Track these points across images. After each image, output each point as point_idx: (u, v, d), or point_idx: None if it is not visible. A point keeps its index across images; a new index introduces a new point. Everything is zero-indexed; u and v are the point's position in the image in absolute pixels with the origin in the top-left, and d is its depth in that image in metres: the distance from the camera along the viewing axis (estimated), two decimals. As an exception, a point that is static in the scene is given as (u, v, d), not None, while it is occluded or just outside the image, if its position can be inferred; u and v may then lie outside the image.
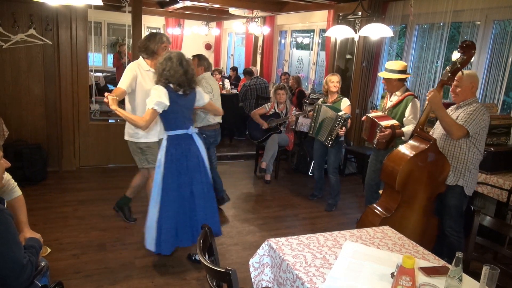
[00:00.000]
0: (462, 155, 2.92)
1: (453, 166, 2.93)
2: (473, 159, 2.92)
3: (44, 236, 3.38)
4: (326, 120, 4.33)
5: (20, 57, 4.74)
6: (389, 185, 2.97)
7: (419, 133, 2.93)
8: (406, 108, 3.59)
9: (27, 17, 4.66)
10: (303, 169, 5.88)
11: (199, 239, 1.80)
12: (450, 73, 2.74)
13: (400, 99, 3.64)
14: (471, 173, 2.94)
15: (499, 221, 2.43)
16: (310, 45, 8.16)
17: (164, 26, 11.50)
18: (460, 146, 2.92)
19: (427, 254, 2.07)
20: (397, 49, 5.92)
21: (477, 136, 2.87)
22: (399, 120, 3.59)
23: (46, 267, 2.07)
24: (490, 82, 4.36)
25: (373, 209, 3.01)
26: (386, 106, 3.76)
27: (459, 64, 2.70)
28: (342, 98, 4.42)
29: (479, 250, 2.45)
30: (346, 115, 4.18)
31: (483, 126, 2.84)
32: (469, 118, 2.80)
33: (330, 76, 4.45)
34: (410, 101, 3.58)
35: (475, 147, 2.90)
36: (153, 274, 3.07)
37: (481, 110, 2.82)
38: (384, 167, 2.99)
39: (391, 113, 3.67)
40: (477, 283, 1.72)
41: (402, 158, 2.85)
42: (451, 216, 3.03)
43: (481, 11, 4.37)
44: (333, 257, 1.94)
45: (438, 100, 2.79)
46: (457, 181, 2.95)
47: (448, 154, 2.95)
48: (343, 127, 4.17)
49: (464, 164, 2.92)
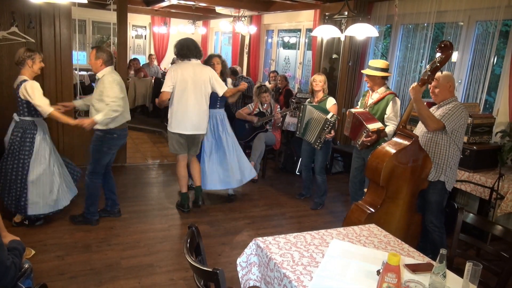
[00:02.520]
0: (443, 152, 3.02)
1: (434, 162, 3.03)
2: (453, 156, 3.04)
3: (28, 237, 3.33)
4: (312, 121, 4.33)
5: (2, 55, 4.64)
6: (373, 181, 3.03)
7: (402, 130, 3.02)
8: (387, 105, 3.67)
9: (9, 14, 4.56)
10: (290, 168, 5.90)
11: (186, 238, 1.80)
12: (430, 71, 2.84)
13: (381, 96, 3.72)
14: (451, 169, 3.06)
15: (481, 218, 2.48)
16: (297, 44, 8.19)
17: (150, 24, 11.39)
18: (441, 143, 3.03)
19: (412, 251, 2.10)
20: (382, 49, 5.99)
21: (456, 133, 2.99)
22: (379, 117, 3.66)
23: (30, 269, 2.04)
24: (472, 82, 4.45)
25: (358, 206, 3.06)
26: (367, 103, 3.82)
27: (438, 63, 2.80)
28: (328, 98, 4.44)
29: (463, 246, 2.50)
30: (334, 117, 4.15)
31: (461, 124, 2.97)
32: (447, 114, 2.93)
33: (314, 76, 4.49)
34: (391, 99, 3.68)
35: (454, 144, 3.02)
36: (139, 275, 3.04)
37: (459, 108, 2.95)
38: (368, 164, 3.05)
39: (372, 110, 3.74)
40: (461, 279, 1.76)
41: (385, 154, 2.93)
42: (432, 211, 3.13)
43: (464, 12, 4.45)
44: (320, 255, 1.95)
45: (417, 92, 2.89)
46: (438, 177, 3.05)
47: (430, 150, 3.05)
48: (331, 130, 4.18)
49: (445, 160, 3.02)
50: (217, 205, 4.49)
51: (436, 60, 2.80)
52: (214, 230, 3.88)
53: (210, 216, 4.21)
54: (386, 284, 1.52)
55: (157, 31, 11.21)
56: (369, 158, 3.08)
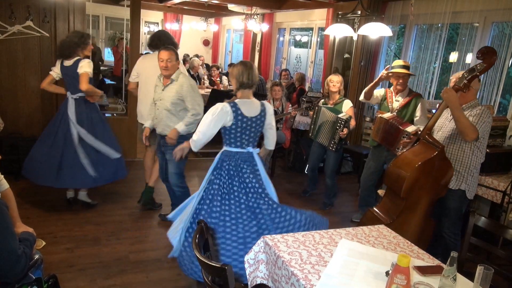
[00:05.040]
0: (465, 159, 2.87)
1: (456, 170, 2.87)
2: (476, 163, 2.89)
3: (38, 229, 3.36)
4: (325, 123, 4.24)
5: (17, 49, 4.70)
6: (392, 191, 2.91)
7: (427, 139, 2.82)
8: (416, 107, 3.57)
9: (24, 8, 4.62)
10: (299, 167, 5.88)
11: (195, 234, 1.80)
12: (467, 80, 2.64)
13: (408, 99, 3.61)
14: (473, 177, 2.91)
15: (493, 222, 2.44)
16: (309, 43, 8.15)
17: (163, 21, 11.44)
18: (464, 150, 2.87)
19: (422, 253, 2.08)
20: (395, 49, 5.93)
21: (481, 140, 2.83)
22: (408, 120, 3.56)
23: (40, 260, 2.06)
24: (487, 84, 4.38)
25: (374, 213, 2.97)
26: (393, 106, 3.70)
27: (478, 72, 2.60)
28: (344, 100, 4.32)
29: (473, 250, 2.46)
30: (346, 116, 4.08)
31: (487, 130, 2.81)
32: (479, 121, 2.74)
33: (331, 76, 4.37)
34: (419, 101, 3.57)
35: (478, 151, 2.87)
36: (147, 269, 3.06)
37: (487, 113, 2.77)
38: (389, 173, 2.90)
39: (401, 114, 3.62)
40: (471, 283, 1.73)
41: (409, 165, 2.74)
42: (450, 218, 3.01)
43: (480, 13, 4.38)
44: (328, 254, 1.94)
45: (455, 99, 2.65)
46: (459, 185, 2.92)
47: (452, 158, 2.89)
48: (344, 129, 4.06)
49: (467, 168, 2.88)
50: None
51: (476, 68, 2.60)
52: (222, 227, 3.88)
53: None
54: (395, 286, 1.51)
55: (169, 27, 11.24)
56: (390, 166, 2.91)
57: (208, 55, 12.15)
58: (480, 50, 2.62)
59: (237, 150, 2.74)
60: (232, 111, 2.64)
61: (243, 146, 2.75)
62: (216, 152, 2.85)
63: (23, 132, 4.84)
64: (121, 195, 4.34)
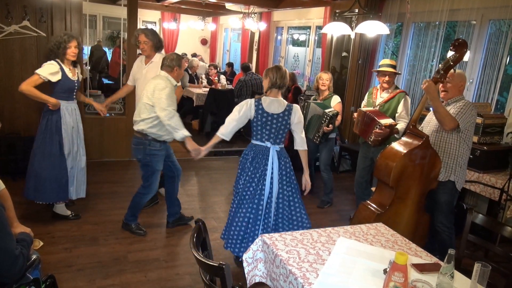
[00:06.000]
0: (453, 151, 2.98)
1: (444, 162, 2.99)
2: (463, 155, 3.00)
3: (36, 229, 3.35)
4: (314, 118, 4.32)
5: (14, 48, 4.68)
6: (382, 182, 2.99)
7: (412, 130, 2.97)
8: (399, 104, 3.66)
9: (21, 8, 4.60)
10: (297, 165, 5.86)
11: (193, 233, 1.80)
12: (443, 70, 2.79)
13: (392, 95, 3.71)
14: (461, 168, 3.02)
15: (491, 219, 2.45)
16: (306, 42, 8.15)
17: (160, 20, 11.42)
18: (451, 142, 2.98)
19: (419, 251, 2.09)
20: (393, 47, 5.93)
21: (466, 132, 2.95)
22: (390, 115, 3.63)
23: (38, 260, 2.06)
24: (484, 82, 4.39)
25: (366, 206, 3.03)
26: (376, 101, 3.79)
27: (451, 62, 2.75)
28: (333, 95, 4.41)
29: (471, 247, 2.47)
30: (333, 112, 4.14)
31: (472, 122, 2.93)
32: (460, 112, 2.89)
33: (320, 73, 4.45)
34: (402, 98, 3.67)
35: (465, 143, 2.98)
36: (146, 269, 3.06)
37: (470, 106, 2.91)
38: (377, 164, 3.01)
39: (383, 108, 3.72)
40: (469, 280, 1.74)
41: (395, 154, 2.88)
42: (442, 211, 3.09)
43: (477, 11, 4.39)
44: (326, 253, 1.95)
45: (433, 90, 2.81)
46: (448, 177, 3.01)
47: (439, 150, 3.01)
48: (329, 124, 4.12)
49: (455, 159, 2.98)
50: (223, 201, 4.49)
51: (449, 59, 2.76)
52: (221, 226, 3.88)
53: (217, 212, 4.21)
54: (393, 283, 1.51)
55: (167, 27, 11.23)
56: (378, 158, 3.04)
57: (206, 54, 12.15)
58: (452, 43, 2.77)
59: (256, 143, 3.04)
60: (255, 105, 2.96)
61: (262, 140, 3.01)
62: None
63: (20, 132, 4.82)
64: (119, 195, 4.34)
